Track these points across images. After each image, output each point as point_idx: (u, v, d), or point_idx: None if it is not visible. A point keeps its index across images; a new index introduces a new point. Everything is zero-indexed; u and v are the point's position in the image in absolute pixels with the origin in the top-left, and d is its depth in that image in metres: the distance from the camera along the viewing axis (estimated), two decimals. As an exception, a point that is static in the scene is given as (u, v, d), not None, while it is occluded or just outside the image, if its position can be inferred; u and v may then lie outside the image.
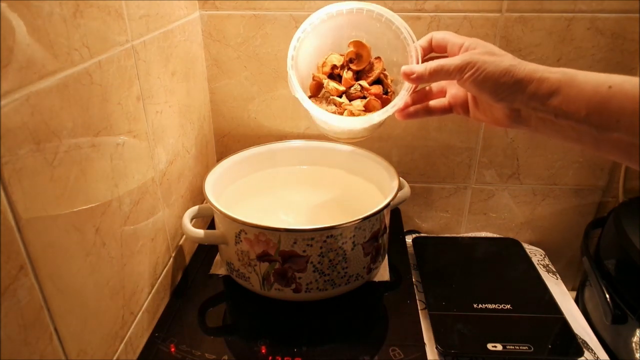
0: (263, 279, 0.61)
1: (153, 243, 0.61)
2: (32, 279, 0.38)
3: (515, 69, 0.43)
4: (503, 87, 0.44)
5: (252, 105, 0.86)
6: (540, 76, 0.42)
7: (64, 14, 0.41)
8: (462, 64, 0.45)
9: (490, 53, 0.45)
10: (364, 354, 0.57)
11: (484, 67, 0.44)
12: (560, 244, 0.93)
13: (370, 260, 0.64)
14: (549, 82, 0.42)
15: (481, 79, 0.44)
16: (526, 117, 0.45)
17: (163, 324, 0.62)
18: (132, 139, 0.55)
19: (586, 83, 0.40)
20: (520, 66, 0.43)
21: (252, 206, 0.75)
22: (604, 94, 0.39)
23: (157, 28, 0.61)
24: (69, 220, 0.42)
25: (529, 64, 0.43)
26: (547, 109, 0.42)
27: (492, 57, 0.44)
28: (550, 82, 0.42)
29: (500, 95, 0.44)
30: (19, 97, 0.36)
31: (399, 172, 0.70)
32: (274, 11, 0.78)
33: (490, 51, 0.45)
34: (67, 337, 0.43)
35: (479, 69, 0.44)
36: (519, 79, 0.43)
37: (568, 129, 0.42)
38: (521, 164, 0.87)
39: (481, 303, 0.70)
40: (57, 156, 0.40)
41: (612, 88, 0.38)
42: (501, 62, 0.44)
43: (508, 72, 0.43)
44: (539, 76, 0.42)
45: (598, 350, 0.66)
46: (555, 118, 0.42)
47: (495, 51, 0.46)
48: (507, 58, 0.44)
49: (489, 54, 0.45)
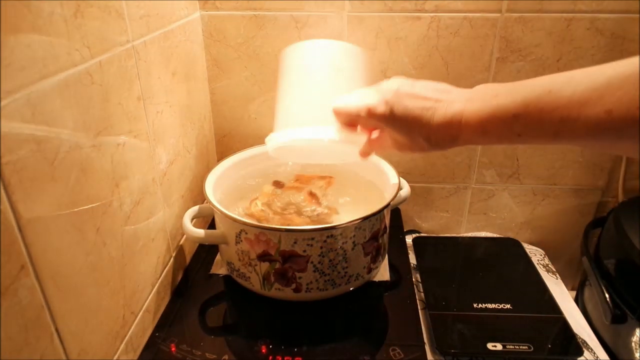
0: (263, 279, 0.61)
1: (154, 243, 0.62)
2: (33, 279, 0.38)
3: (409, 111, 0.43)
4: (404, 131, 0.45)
5: (252, 105, 0.86)
6: (461, 120, 0.41)
7: (65, 14, 0.41)
8: (365, 121, 0.49)
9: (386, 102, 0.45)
10: (364, 354, 0.57)
11: (380, 121, 0.46)
12: (560, 243, 0.94)
13: (371, 260, 0.64)
14: (470, 126, 0.40)
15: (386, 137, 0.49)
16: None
17: (163, 323, 0.63)
18: (133, 139, 0.55)
19: (496, 126, 0.39)
20: (434, 118, 0.42)
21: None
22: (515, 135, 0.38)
23: (157, 28, 0.61)
24: (69, 220, 0.43)
25: (450, 107, 0.42)
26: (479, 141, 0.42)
27: (387, 105, 0.45)
28: (475, 121, 0.40)
29: (402, 141, 0.47)
30: (20, 97, 0.36)
31: (399, 172, 0.70)
32: (274, 11, 0.78)
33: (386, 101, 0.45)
34: (67, 336, 0.43)
35: (377, 125, 0.48)
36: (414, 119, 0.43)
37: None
38: (521, 164, 0.87)
39: (481, 303, 0.70)
40: (57, 156, 0.40)
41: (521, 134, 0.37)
42: (394, 109, 0.44)
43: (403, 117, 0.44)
44: (460, 121, 0.41)
45: (598, 350, 0.66)
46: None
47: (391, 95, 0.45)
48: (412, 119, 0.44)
49: (384, 102, 0.45)
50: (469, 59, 0.79)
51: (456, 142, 0.42)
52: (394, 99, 0.44)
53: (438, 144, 0.44)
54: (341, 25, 0.78)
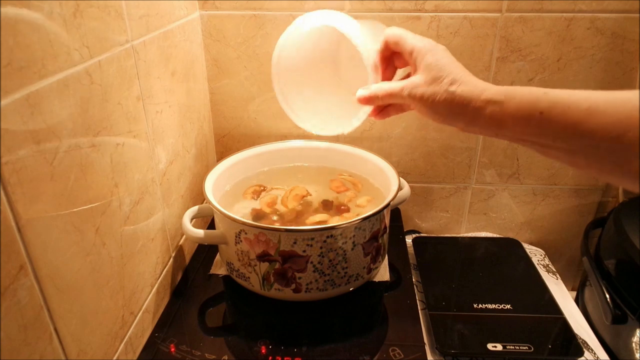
0: (263, 279, 0.61)
1: (153, 243, 0.61)
2: (32, 279, 0.38)
3: (455, 97, 0.42)
4: (444, 116, 0.44)
5: (252, 105, 0.86)
6: (485, 98, 0.41)
7: (64, 14, 0.41)
8: (404, 100, 0.47)
9: (431, 80, 0.44)
10: (364, 354, 0.57)
11: (420, 103, 0.45)
12: (560, 244, 0.93)
13: (370, 260, 0.64)
14: (491, 105, 0.40)
15: (421, 112, 0.46)
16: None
17: (163, 324, 0.62)
18: (132, 139, 0.55)
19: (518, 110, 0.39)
20: (461, 90, 0.42)
21: (252, 206, 0.74)
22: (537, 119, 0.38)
23: (157, 28, 0.61)
24: (69, 220, 0.42)
25: (471, 83, 0.42)
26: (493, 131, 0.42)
27: (430, 87, 0.44)
28: (492, 106, 0.40)
29: (442, 120, 0.45)
30: (19, 97, 0.36)
31: (399, 172, 0.70)
32: (274, 11, 0.78)
33: (432, 77, 0.44)
34: (67, 337, 0.43)
35: (416, 105, 0.45)
36: (458, 106, 0.42)
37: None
38: (521, 164, 0.87)
39: (481, 303, 0.70)
40: (57, 156, 0.40)
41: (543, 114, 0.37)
42: (437, 94, 0.43)
43: (447, 103, 0.43)
44: (484, 98, 0.41)
45: (598, 350, 0.66)
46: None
47: (437, 72, 0.44)
48: (446, 81, 0.43)
49: (428, 82, 0.44)
50: (469, 59, 0.79)
51: (499, 132, 0.41)
52: (435, 84, 0.44)
53: (476, 132, 0.44)
54: (341, 25, 0.78)
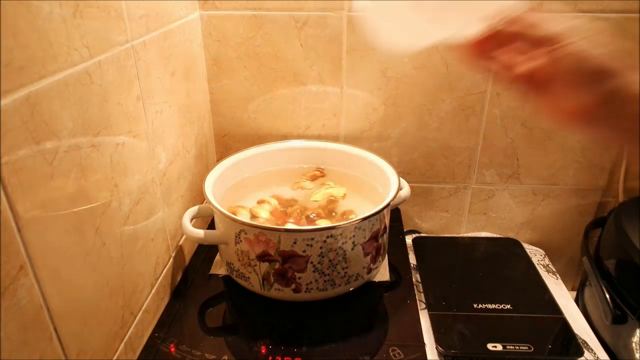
0: (263, 279, 0.61)
1: (153, 243, 0.61)
2: (32, 279, 0.38)
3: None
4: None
5: (252, 105, 0.86)
6: None
7: (64, 14, 0.41)
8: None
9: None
10: (364, 354, 0.57)
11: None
12: (560, 244, 0.93)
13: (370, 260, 0.64)
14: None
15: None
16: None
17: (163, 324, 0.62)
18: (132, 139, 0.55)
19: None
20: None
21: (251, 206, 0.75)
22: None
23: (157, 28, 0.61)
24: (68, 220, 0.42)
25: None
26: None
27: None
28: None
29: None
30: (19, 97, 0.36)
31: (399, 172, 0.70)
32: (274, 11, 0.78)
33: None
34: (66, 337, 0.43)
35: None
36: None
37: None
38: (521, 164, 0.87)
39: (481, 303, 0.70)
40: (57, 156, 0.40)
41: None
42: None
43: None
44: None
45: (598, 350, 0.66)
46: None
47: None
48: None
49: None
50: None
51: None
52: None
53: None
54: (341, 25, 0.78)
